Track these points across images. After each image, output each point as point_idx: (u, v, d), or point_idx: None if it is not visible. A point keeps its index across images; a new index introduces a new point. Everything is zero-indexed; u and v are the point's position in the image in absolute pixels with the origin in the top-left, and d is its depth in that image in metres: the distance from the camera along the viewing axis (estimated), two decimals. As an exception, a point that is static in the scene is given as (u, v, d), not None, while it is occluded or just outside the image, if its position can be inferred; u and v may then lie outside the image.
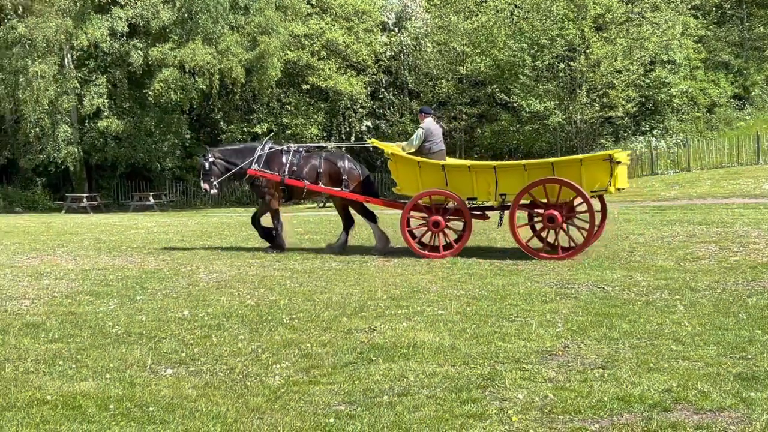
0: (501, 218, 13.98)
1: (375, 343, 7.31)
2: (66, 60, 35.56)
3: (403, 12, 41.23)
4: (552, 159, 14.31)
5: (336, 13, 39.88)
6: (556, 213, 13.21)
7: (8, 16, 33.36)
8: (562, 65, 34.62)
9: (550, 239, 13.84)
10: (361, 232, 16.70)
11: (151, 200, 35.97)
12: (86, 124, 37.82)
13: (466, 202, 13.85)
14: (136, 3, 35.04)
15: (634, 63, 34.24)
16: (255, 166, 14.88)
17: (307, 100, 39.64)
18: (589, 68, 33.97)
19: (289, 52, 37.67)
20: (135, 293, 10.33)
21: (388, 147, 14.90)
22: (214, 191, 15.38)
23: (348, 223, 15.39)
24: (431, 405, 5.55)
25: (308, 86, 38.88)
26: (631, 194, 25.59)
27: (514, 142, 38.15)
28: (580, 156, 14.70)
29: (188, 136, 39.03)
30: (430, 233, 14.11)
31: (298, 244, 16.16)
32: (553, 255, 13.15)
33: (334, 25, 39.23)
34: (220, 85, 35.93)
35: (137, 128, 37.34)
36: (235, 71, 34.77)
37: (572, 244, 13.25)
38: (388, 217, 17.15)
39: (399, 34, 40.71)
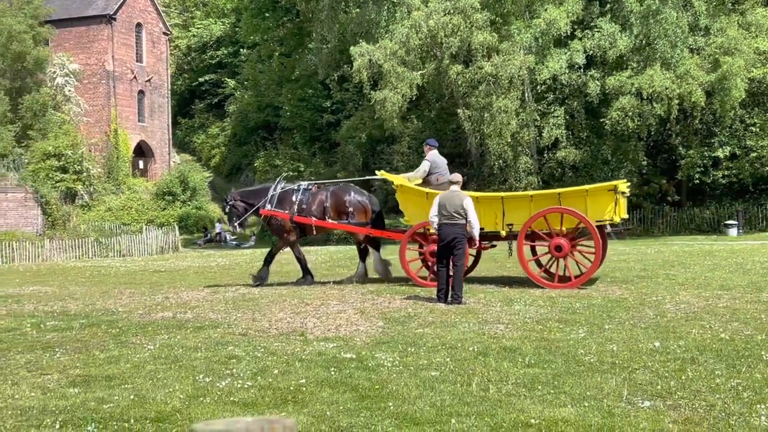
0: (510, 248, 14.41)
1: None
2: (526, 94, 37.23)
3: None
4: (558, 189, 14.65)
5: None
6: (563, 242, 13.59)
7: (474, 58, 35.89)
8: None
9: (555, 269, 14.36)
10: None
11: (608, 228, 35.93)
12: (545, 154, 39.20)
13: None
14: (593, 35, 35.60)
15: None
16: (268, 206, 15.85)
17: (774, 119, 36.95)
18: None
19: (754, 69, 35.47)
20: (603, 322, 10.41)
21: (396, 179, 15.53)
22: (239, 230, 16.95)
23: (363, 254, 16.12)
24: None
25: (776, 105, 36.24)
26: None
27: None
28: (586, 186, 14.79)
29: (645, 163, 38.52)
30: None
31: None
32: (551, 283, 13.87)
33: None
34: (679, 109, 34.95)
35: (594, 157, 37.81)
36: (695, 95, 33.59)
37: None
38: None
39: None
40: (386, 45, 35.49)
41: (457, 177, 13.25)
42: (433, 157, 15.43)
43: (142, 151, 57.74)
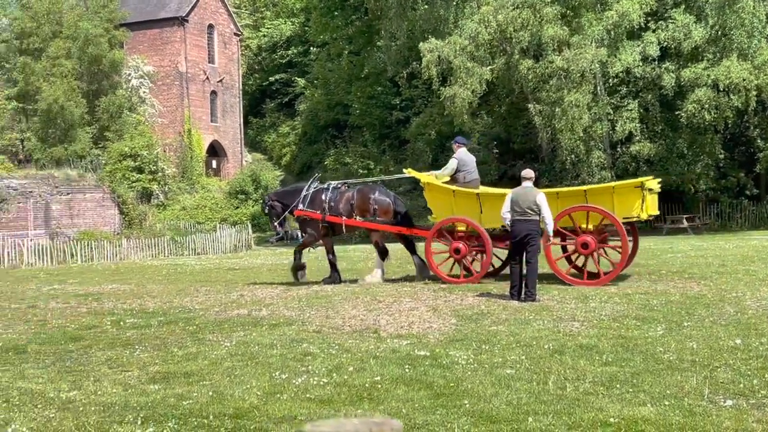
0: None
1: None
2: (598, 88, 36.63)
3: None
4: (585, 186, 14.67)
5: None
6: (589, 239, 13.59)
7: (545, 52, 35.46)
8: None
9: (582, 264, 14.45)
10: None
11: (685, 223, 35.29)
12: (618, 149, 38.52)
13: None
14: (667, 26, 34.86)
15: None
16: (301, 206, 16.19)
17: None
18: None
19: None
20: (681, 319, 10.21)
21: (424, 176, 15.70)
22: (279, 229, 17.18)
23: (411, 248, 16.19)
24: None
25: None
26: None
27: None
28: (613, 183, 14.82)
29: (722, 156, 37.59)
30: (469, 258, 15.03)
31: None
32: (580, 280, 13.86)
33: None
34: (757, 101, 33.97)
35: (669, 151, 37.03)
36: (774, 86, 32.68)
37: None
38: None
39: None
40: (455, 41, 35.28)
41: (530, 173, 13.11)
42: (461, 155, 15.52)
43: (215, 150, 58.56)
